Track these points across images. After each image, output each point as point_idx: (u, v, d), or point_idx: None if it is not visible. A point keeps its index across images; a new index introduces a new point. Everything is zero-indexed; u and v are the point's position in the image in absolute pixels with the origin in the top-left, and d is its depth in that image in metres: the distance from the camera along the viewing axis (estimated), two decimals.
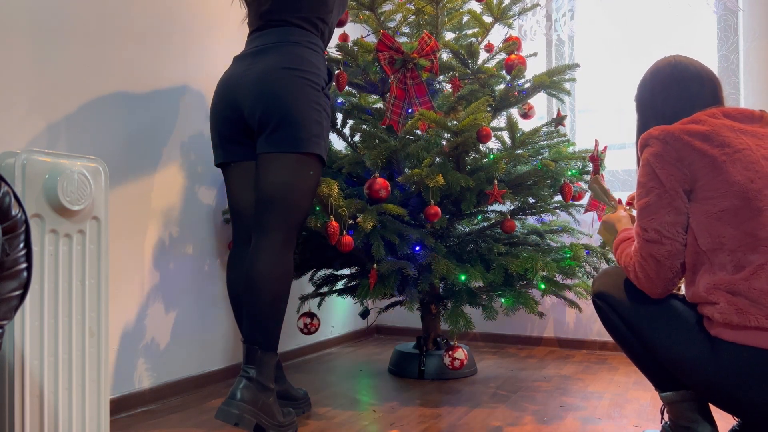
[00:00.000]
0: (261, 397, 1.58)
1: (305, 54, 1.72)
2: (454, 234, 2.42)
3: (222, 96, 1.77)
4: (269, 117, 1.67)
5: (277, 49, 1.71)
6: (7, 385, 1.29)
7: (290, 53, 1.70)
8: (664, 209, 1.30)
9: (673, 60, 1.44)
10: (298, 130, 1.66)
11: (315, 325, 2.39)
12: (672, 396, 1.42)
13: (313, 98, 1.69)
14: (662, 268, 1.30)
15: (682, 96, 1.40)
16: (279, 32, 1.75)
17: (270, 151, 1.68)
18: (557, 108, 2.93)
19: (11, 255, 1.04)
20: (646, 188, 1.33)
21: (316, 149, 1.70)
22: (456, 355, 2.18)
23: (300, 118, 1.66)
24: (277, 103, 1.65)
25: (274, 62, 1.69)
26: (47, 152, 1.36)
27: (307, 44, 1.75)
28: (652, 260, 1.31)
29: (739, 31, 2.81)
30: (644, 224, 1.32)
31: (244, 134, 1.78)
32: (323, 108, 1.72)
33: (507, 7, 2.37)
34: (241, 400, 1.54)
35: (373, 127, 2.30)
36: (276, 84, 1.66)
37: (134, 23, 2.01)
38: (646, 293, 1.36)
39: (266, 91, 1.66)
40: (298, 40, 1.73)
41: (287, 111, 1.65)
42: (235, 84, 1.73)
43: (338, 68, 2.29)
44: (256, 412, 1.56)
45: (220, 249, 2.35)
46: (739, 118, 1.34)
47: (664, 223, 1.29)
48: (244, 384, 1.57)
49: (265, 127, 1.68)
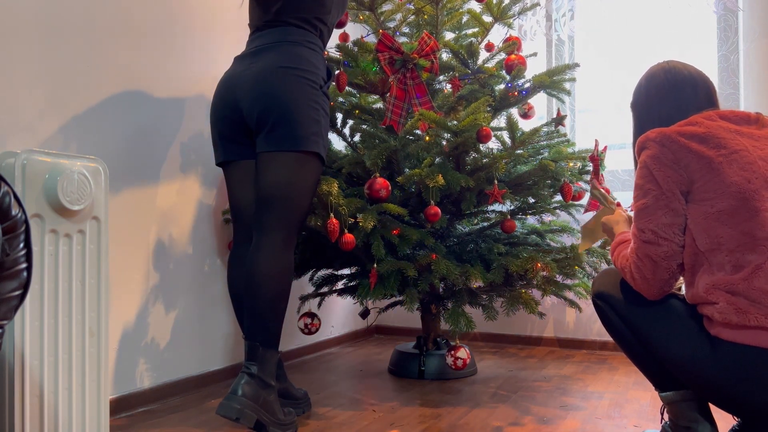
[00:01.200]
0: (262, 394, 1.59)
1: (303, 53, 1.73)
2: (454, 234, 2.42)
3: (221, 95, 1.77)
4: (268, 116, 1.67)
5: (276, 48, 1.73)
6: (7, 385, 1.29)
7: (288, 52, 1.71)
8: (661, 210, 1.30)
9: (667, 65, 1.46)
10: (297, 128, 1.67)
11: (315, 325, 2.40)
12: (672, 396, 1.42)
13: (311, 97, 1.70)
14: (658, 268, 1.31)
15: (677, 100, 1.41)
16: (278, 32, 1.76)
17: (269, 149, 1.69)
18: (557, 108, 2.93)
19: (11, 255, 1.04)
20: (643, 190, 1.33)
21: (314, 147, 1.70)
22: (459, 355, 2.18)
23: (298, 117, 1.67)
24: (276, 101, 1.66)
25: (272, 61, 1.70)
26: (47, 152, 1.36)
27: (306, 43, 1.76)
28: (648, 261, 1.31)
29: (739, 31, 2.81)
30: (641, 225, 1.32)
31: (244, 133, 1.78)
32: (321, 106, 1.73)
33: (507, 6, 2.37)
34: (242, 396, 1.56)
35: (373, 127, 2.30)
36: (274, 83, 1.67)
37: (135, 23, 2.02)
38: (651, 296, 1.36)
39: (264, 90, 1.67)
40: (296, 40, 1.75)
41: (285, 109, 1.66)
42: (235, 84, 1.74)
43: (338, 68, 2.30)
44: (257, 408, 1.57)
45: (220, 249, 2.35)
46: (735, 120, 1.35)
47: (660, 224, 1.30)
48: (245, 380, 1.58)
49: (263, 125, 1.69)
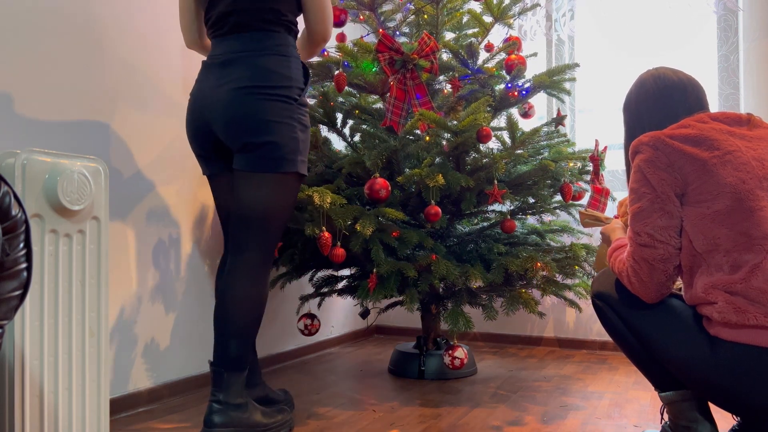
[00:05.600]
0: (234, 416, 1.60)
1: (272, 65, 1.62)
2: (454, 234, 2.42)
3: (194, 115, 1.70)
4: (242, 138, 1.61)
5: (243, 61, 1.62)
6: (7, 385, 1.29)
7: (256, 67, 1.61)
8: (657, 213, 1.30)
9: (656, 72, 1.47)
10: (274, 150, 1.61)
11: (315, 326, 2.39)
12: (672, 396, 1.42)
13: (285, 114, 1.62)
14: (655, 271, 1.31)
15: (666, 105, 1.42)
16: (244, 40, 1.64)
17: (245, 170, 1.64)
18: (557, 108, 2.93)
19: (11, 255, 1.04)
20: (638, 194, 1.34)
21: (292, 167, 1.64)
22: (456, 354, 2.18)
23: (275, 138, 1.60)
24: (249, 125, 1.60)
25: (240, 80, 1.60)
26: (47, 152, 1.36)
27: (275, 49, 1.64)
28: (645, 264, 1.31)
29: (739, 31, 2.81)
30: (637, 228, 1.33)
31: (220, 151, 1.73)
32: (298, 120, 1.65)
33: (507, 7, 2.37)
34: (216, 426, 1.57)
35: (373, 127, 2.30)
36: (245, 108, 1.59)
37: (135, 23, 2.02)
38: (648, 299, 1.36)
39: (236, 114, 1.60)
40: (264, 48, 1.63)
41: (260, 132, 1.60)
42: (203, 105, 1.67)
43: (338, 68, 2.29)
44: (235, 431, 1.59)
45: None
46: (727, 122, 1.35)
47: (656, 227, 1.30)
48: (214, 409, 1.59)
49: (239, 147, 1.63)
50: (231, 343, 1.61)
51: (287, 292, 2.76)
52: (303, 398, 2.10)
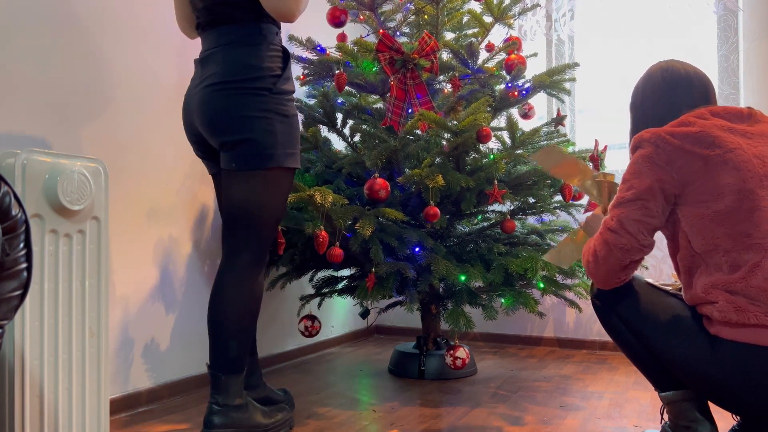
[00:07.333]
0: (233, 417, 1.60)
1: (241, 57, 1.57)
2: (454, 234, 2.42)
3: (184, 116, 1.71)
4: (220, 139, 1.60)
5: (213, 57, 1.60)
6: (7, 385, 1.29)
7: (226, 62, 1.57)
8: (635, 206, 1.31)
9: (665, 65, 1.46)
10: (252, 147, 1.57)
11: (316, 327, 2.39)
12: (672, 396, 1.42)
13: (259, 107, 1.56)
14: (611, 256, 1.32)
15: (670, 99, 1.42)
16: (215, 34, 1.61)
17: (228, 168, 1.62)
18: (557, 108, 2.93)
19: (11, 255, 1.04)
20: (627, 184, 1.35)
21: (272, 163, 1.58)
22: (458, 354, 2.18)
23: (250, 135, 1.56)
24: (222, 125, 1.57)
25: (211, 78, 1.58)
26: (47, 152, 1.36)
27: (243, 40, 1.58)
28: (605, 246, 1.32)
29: (739, 31, 2.81)
30: (612, 213, 1.34)
31: (213, 150, 1.73)
32: (275, 111, 1.58)
33: (507, 7, 2.37)
34: (216, 427, 1.57)
35: (373, 127, 2.30)
36: (216, 106, 1.57)
37: (134, 22, 2.02)
38: (598, 282, 1.38)
39: (210, 115, 1.58)
40: (231, 41, 1.59)
41: (234, 132, 1.57)
42: (190, 105, 1.66)
43: (338, 68, 2.29)
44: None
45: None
46: (728, 117, 1.35)
47: (629, 218, 1.31)
48: (214, 410, 1.59)
49: (220, 147, 1.62)
50: (226, 345, 1.61)
51: (287, 292, 2.76)
52: (303, 398, 2.10)
